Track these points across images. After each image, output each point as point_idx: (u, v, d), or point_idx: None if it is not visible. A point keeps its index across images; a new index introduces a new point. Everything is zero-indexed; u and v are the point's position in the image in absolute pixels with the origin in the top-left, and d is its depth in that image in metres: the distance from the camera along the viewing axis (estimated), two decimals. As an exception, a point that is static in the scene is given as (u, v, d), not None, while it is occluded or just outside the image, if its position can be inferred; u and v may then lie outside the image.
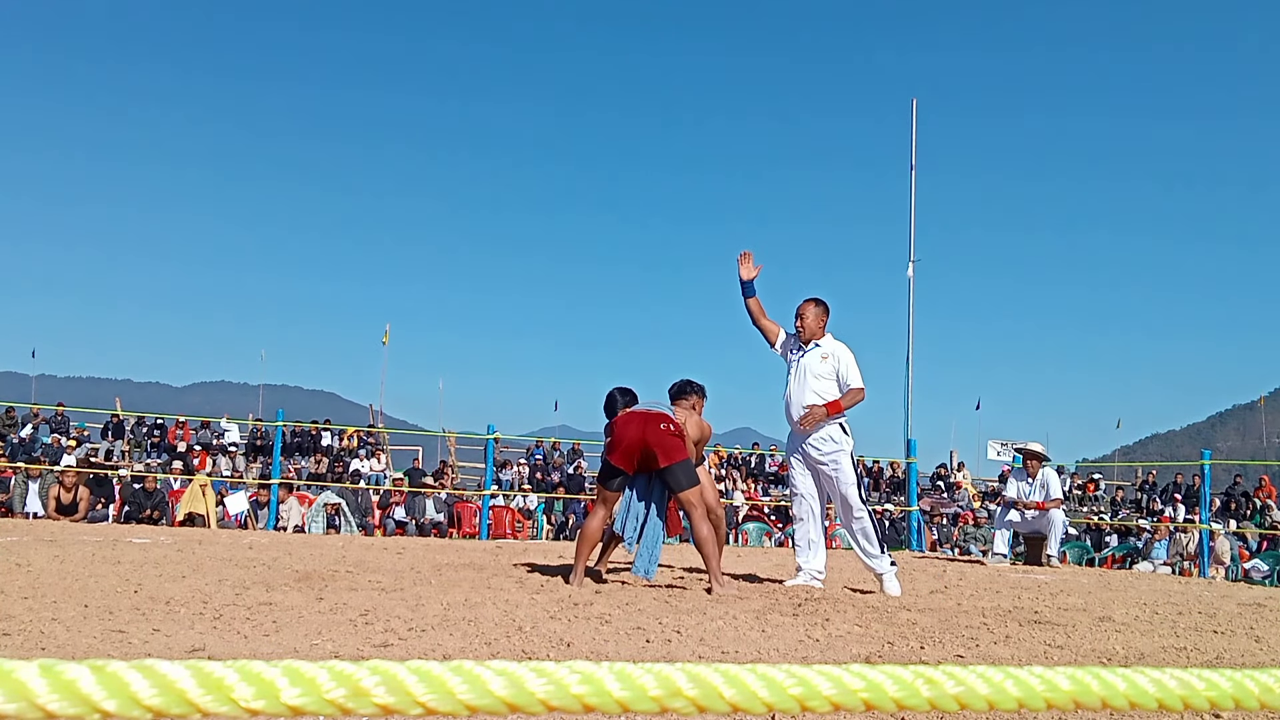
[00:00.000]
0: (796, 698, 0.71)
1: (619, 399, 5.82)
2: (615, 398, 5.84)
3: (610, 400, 5.86)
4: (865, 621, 4.12)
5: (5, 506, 12.47)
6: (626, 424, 5.44)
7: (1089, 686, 0.75)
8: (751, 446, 22.44)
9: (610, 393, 5.91)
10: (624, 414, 5.54)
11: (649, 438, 5.37)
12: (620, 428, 5.45)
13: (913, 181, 14.38)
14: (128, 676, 0.62)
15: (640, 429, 5.39)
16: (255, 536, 9.44)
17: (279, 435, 13.64)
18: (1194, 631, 4.26)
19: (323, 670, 0.65)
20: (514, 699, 0.67)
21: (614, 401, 5.82)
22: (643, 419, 5.44)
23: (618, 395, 5.86)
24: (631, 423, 5.43)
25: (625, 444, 5.39)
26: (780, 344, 6.00)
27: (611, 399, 5.85)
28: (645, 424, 5.41)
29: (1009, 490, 9.80)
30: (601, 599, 4.54)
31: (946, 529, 16.62)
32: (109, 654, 2.87)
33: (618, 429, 5.47)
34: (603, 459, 5.63)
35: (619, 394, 5.87)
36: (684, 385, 5.96)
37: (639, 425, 5.41)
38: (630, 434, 5.39)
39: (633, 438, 5.38)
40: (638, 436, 5.38)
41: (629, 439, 5.39)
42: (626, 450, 5.39)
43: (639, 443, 5.38)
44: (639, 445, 5.39)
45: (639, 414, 5.49)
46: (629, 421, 5.45)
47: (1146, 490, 21.40)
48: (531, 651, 3.14)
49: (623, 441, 5.39)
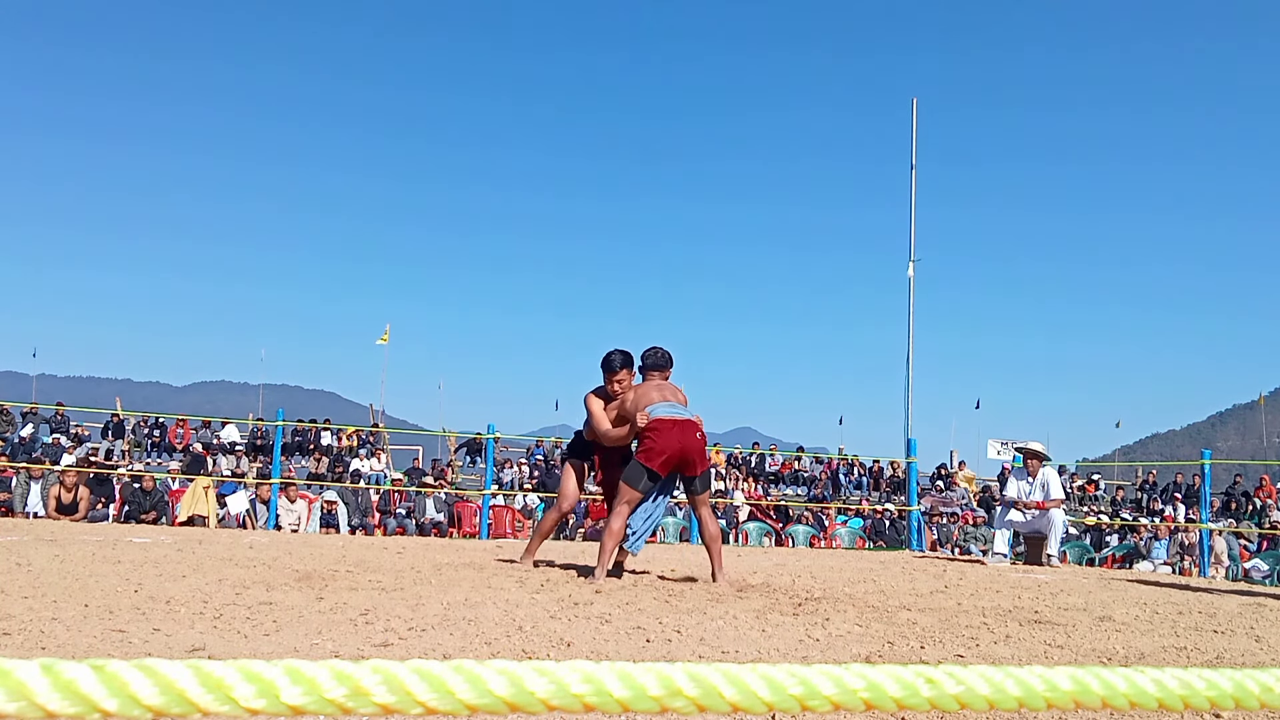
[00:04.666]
0: (797, 697, 0.71)
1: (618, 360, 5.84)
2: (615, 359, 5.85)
3: (609, 361, 5.87)
4: (866, 621, 4.13)
5: (6, 506, 12.47)
6: (668, 432, 5.49)
7: (1089, 686, 0.75)
8: (752, 446, 22.44)
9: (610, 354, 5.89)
10: (661, 420, 5.53)
11: (690, 447, 5.52)
12: (662, 437, 5.48)
13: (913, 181, 14.37)
14: (128, 676, 0.62)
15: (681, 439, 5.50)
16: (255, 536, 9.44)
17: (279, 435, 13.64)
18: (1194, 631, 4.26)
19: (323, 670, 0.65)
20: (514, 698, 0.67)
21: (612, 363, 5.85)
22: (681, 428, 5.52)
23: (617, 357, 5.86)
24: (672, 432, 5.49)
25: (670, 453, 5.48)
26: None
27: (610, 360, 5.86)
28: (684, 433, 5.52)
29: (1009, 490, 9.80)
30: (602, 599, 4.54)
31: (946, 528, 16.62)
32: (109, 653, 2.87)
33: (660, 438, 5.49)
34: (633, 460, 5.61)
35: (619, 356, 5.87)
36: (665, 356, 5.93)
37: (680, 435, 5.50)
38: (673, 443, 5.47)
39: (675, 447, 5.48)
40: (679, 446, 5.49)
41: (673, 448, 5.48)
42: (670, 459, 5.50)
43: (680, 452, 5.50)
44: (679, 454, 5.51)
45: (677, 422, 5.54)
46: (669, 430, 5.50)
47: (1147, 490, 21.40)
48: (532, 651, 3.14)
49: (666, 450, 5.47)
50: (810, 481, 20.81)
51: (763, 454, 21.50)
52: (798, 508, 17.98)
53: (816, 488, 20.37)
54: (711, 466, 6.06)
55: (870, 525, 16.35)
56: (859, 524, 16.40)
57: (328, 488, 14.65)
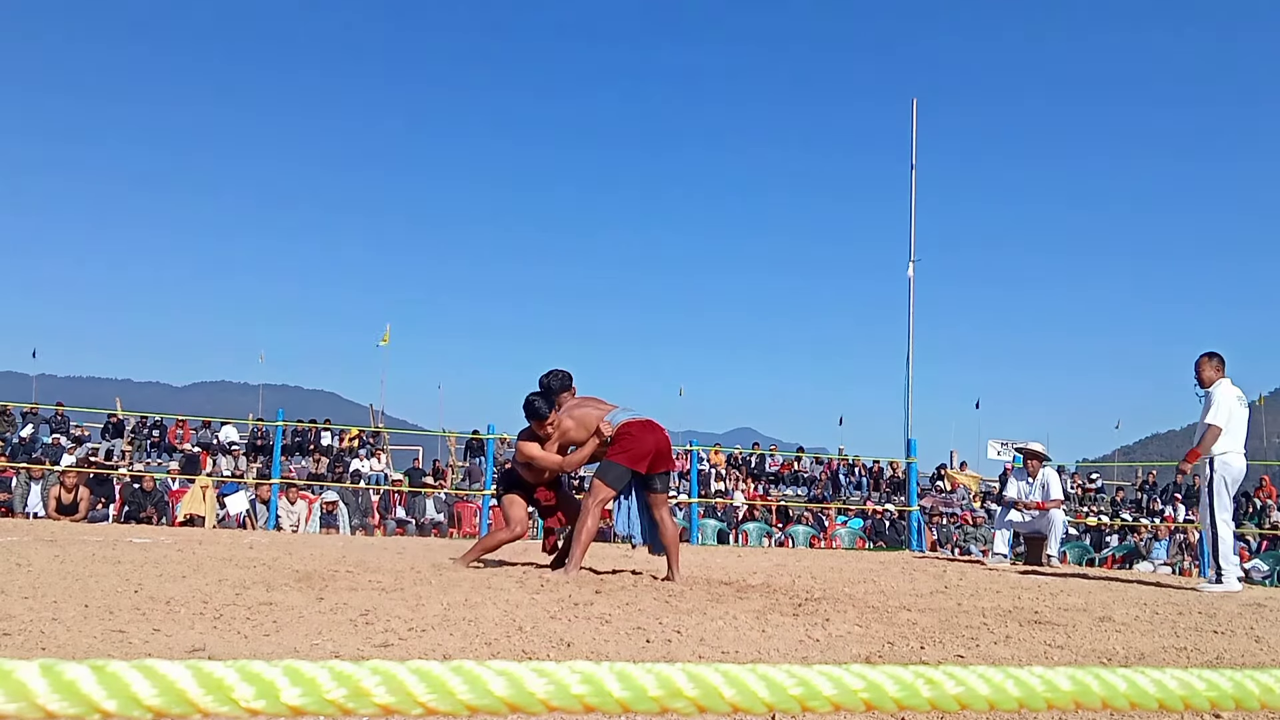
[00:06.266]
0: (797, 698, 0.71)
1: (544, 407, 5.71)
2: (541, 407, 5.71)
3: (535, 410, 5.71)
4: (865, 622, 4.12)
5: (6, 507, 12.47)
6: (642, 433, 5.61)
7: (1089, 687, 0.75)
8: (752, 446, 22.44)
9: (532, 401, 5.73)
10: (631, 424, 5.65)
11: (664, 444, 5.67)
12: (639, 439, 5.59)
13: (913, 181, 14.36)
14: (128, 676, 0.62)
15: (655, 438, 5.64)
16: (255, 536, 9.44)
17: (279, 435, 13.65)
18: (1194, 632, 4.26)
19: (323, 670, 0.65)
20: (514, 699, 0.67)
21: (539, 410, 5.71)
22: (651, 428, 5.67)
23: (542, 404, 5.73)
24: (646, 432, 5.62)
25: (651, 453, 5.60)
26: None
27: (536, 408, 5.71)
28: (656, 432, 5.66)
29: (1009, 490, 9.80)
30: (601, 599, 4.54)
31: (946, 529, 16.62)
32: (109, 654, 2.87)
33: (637, 440, 5.59)
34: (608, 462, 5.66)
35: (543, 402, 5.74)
36: (565, 375, 5.97)
37: (653, 434, 5.64)
38: (650, 443, 5.60)
39: (654, 446, 5.61)
40: (655, 444, 5.62)
41: (652, 447, 5.60)
42: (651, 458, 5.61)
43: (656, 450, 5.63)
44: (657, 452, 5.64)
45: (646, 423, 5.68)
46: (643, 431, 5.63)
47: (1147, 490, 21.39)
48: (532, 651, 3.14)
49: (648, 451, 5.58)
50: (810, 482, 20.81)
51: (763, 454, 21.49)
52: (798, 508, 17.98)
53: (816, 488, 20.37)
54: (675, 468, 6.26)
55: (870, 526, 16.36)
56: (859, 524, 16.40)
57: (328, 488, 14.66)
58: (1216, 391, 6.89)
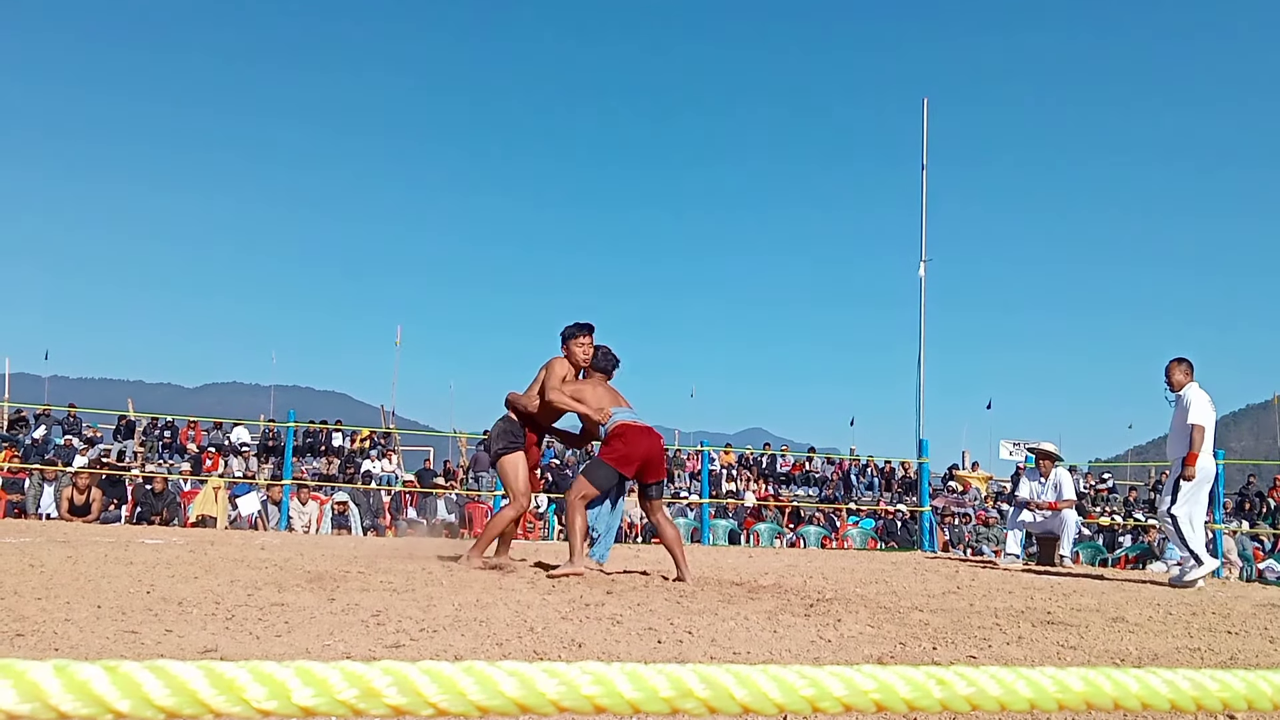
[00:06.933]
0: (808, 699, 0.70)
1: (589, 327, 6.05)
2: (587, 325, 6.06)
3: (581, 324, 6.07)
4: (877, 622, 4.12)
5: (19, 508, 12.54)
6: (637, 438, 5.67)
7: (1102, 687, 0.75)
8: (763, 447, 22.41)
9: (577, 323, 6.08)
10: (629, 426, 5.72)
11: (656, 453, 5.73)
12: (632, 442, 5.65)
13: (924, 181, 14.31)
14: (140, 677, 0.62)
15: (648, 445, 5.69)
16: (267, 537, 9.47)
17: (290, 436, 13.69)
18: (1208, 632, 4.24)
19: (335, 671, 0.65)
20: (525, 700, 0.67)
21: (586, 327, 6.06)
22: (647, 434, 5.73)
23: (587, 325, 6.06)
24: (641, 437, 5.68)
25: (641, 459, 5.66)
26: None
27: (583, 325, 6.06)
28: (651, 440, 5.72)
29: (1022, 490, 9.76)
30: (613, 600, 4.54)
31: (959, 529, 16.57)
32: (122, 654, 2.88)
33: (630, 443, 5.65)
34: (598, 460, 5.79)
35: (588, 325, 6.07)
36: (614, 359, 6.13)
37: (647, 441, 5.70)
38: (642, 449, 5.66)
39: (644, 454, 5.66)
40: (646, 452, 5.67)
41: (643, 454, 5.66)
42: (640, 464, 5.67)
43: (647, 457, 5.68)
44: (647, 459, 5.69)
45: (644, 429, 5.75)
46: (639, 436, 5.69)
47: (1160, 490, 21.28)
48: (543, 652, 3.14)
49: (638, 457, 5.64)
50: (822, 482, 20.78)
51: (774, 455, 21.47)
52: (809, 509, 17.95)
53: (828, 488, 20.34)
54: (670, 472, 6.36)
55: (882, 526, 16.32)
56: (871, 525, 16.36)
57: (339, 489, 14.69)
58: (1190, 393, 7.10)
